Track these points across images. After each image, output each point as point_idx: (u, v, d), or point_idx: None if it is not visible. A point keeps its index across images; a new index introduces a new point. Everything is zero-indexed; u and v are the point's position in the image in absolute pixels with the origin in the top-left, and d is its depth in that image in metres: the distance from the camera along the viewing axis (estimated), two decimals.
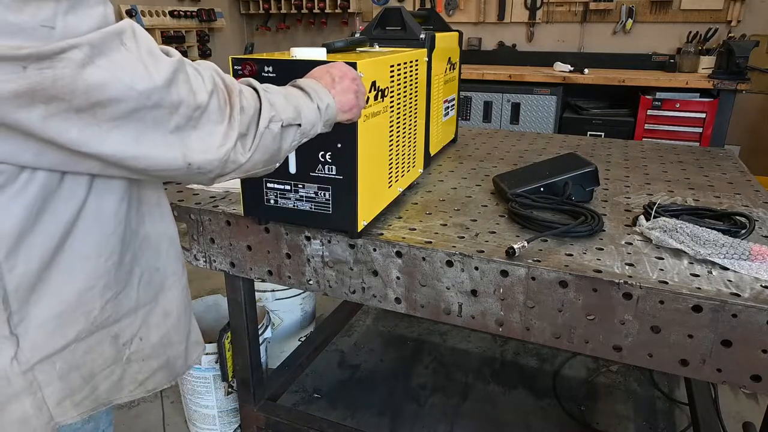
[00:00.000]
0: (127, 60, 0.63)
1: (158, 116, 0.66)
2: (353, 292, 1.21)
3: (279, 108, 0.81)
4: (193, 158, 0.70)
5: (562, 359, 2.46)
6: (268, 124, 0.78)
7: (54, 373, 0.75)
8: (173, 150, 0.69)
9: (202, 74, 0.71)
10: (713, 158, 1.88)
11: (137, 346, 0.86)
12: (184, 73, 0.68)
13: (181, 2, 4.36)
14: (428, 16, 1.78)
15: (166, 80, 0.66)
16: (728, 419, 1.99)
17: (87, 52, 0.60)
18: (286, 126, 0.82)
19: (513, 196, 1.30)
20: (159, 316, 0.89)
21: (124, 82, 0.62)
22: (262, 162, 0.80)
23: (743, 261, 1.02)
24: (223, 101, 0.73)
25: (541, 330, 1.05)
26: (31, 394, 0.73)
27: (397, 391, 2.26)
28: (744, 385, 0.95)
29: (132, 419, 2.11)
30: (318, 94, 0.88)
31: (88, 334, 0.78)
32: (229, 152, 0.73)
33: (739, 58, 3.30)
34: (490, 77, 3.87)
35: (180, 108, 0.67)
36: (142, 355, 0.87)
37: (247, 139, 0.76)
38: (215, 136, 0.72)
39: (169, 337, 0.92)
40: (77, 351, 0.77)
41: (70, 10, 0.61)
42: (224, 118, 0.72)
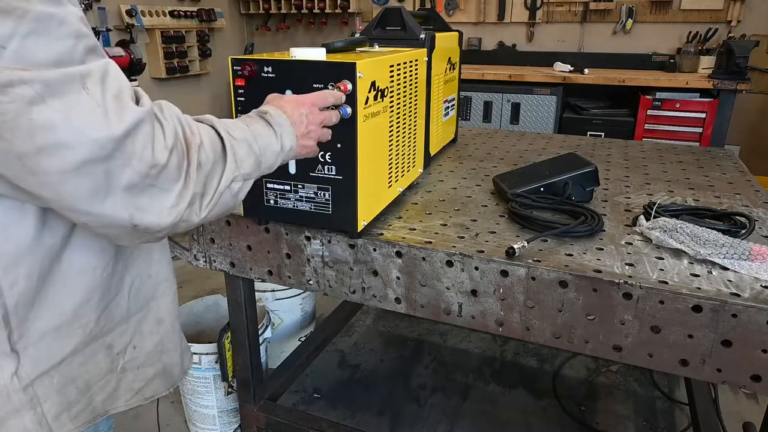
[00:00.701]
0: (84, 104, 0.57)
1: (111, 170, 0.60)
2: (353, 292, 1.21)
3: (243, 162, 0.75)
4: (141, 219, 0.64)
5: (562, 359, 2.46)
6: (230, 183, 0.73)
7: (52, 387, 0.75)
8: (121, 210, 0.62)
9: (164, 127, 0.64)
10: (713, 158, 1.87)
11: (131, 354, 0.85)
12: (148, 126, 0.62)
13: (181, 2, 4.36)
14: (428, 16, 1.78)
15: (125, 131, 0.59)
16: (728, 419, 1.98)
17: (39, 90, 0.55)
18: (246, 180, 0.77)
19: (513, 196, 1.30)
20: (152, 324, 0.88)
21: (76, 127, 0.56)
22: (216, 217, 0.75)
23: (743, 261, 1.02)
24: (182, 157, 0.66)
25: (541, 330, 1.05)
26: (31, 409, 0.73)
27: (397, 391, 2.26)
28: (744, 385, 0.94)
29: (132, 419, 2.11)
30: (283, 136, 0.83)
31: (84, 346, 0.78)
32: (181, 213, 0.67)
33: (739, 58, 3.30)
34: (490, 77, 3.87)
35: (134, 162, 0.61)
36: (137, 363, 0.86)
37: (205, 198, 0.70)
38: (169, 195, 0.65)
39: (164, 344, 0.91)
40: (73, 363, 0.77)
41: (32, 35, 0.55)
42: (180, 176, 0.66)
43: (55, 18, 0.57)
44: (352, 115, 0.99)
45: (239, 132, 0.76)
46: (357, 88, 0.97)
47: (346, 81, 0.96)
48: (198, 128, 0.70)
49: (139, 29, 3.89)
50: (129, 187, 0.62)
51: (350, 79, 0.97)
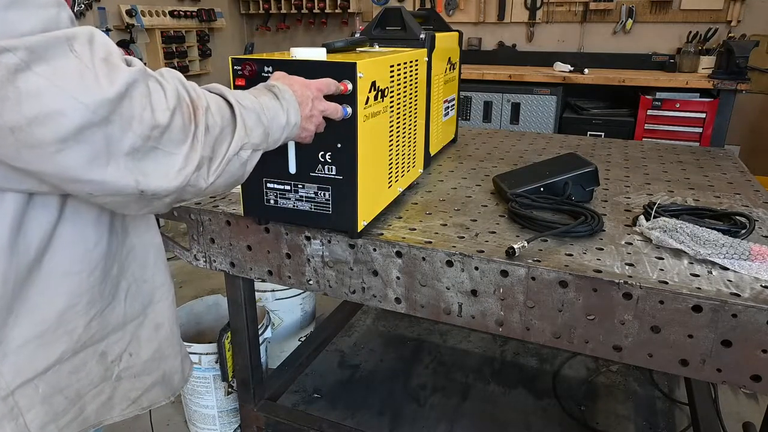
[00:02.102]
0: (73, 67, 0.55)
1: (110, 134, 0.57)
2: (353, 292, 1.21)
3: (252, 131, 0.74)
4: (148, 185, 0.62)
5: (562, 359, 2.46)
6: (238, 150, 0.72)
7: (36, 396, 0.71)
8: (125, 175, 0.60)
9: (164, 88, 0.62)
10: (713, 158, 1.87)
11: (127, 362, 0.82)
12: (143, 86, 0.60)
13: (181, 2, 4.36)
14: (428, 16, 1.78)
15: (118, 93, 0.57)
16: (728, 419, 1.98)
17: (23, 56, 0.52)
18: (255, 151, 0.76)
19: (513, 196, 1.30)
20: (150, 330, 0.85)
21: (66, 91, 0.54)
22: (224, 186, 0.73)
23: (743, 261, 1.02)
24: (188, 119, 0.64)
25: (541, 330, 1.05)
26: (12, 420, 0.69)
27: (397, 391, 2.26)
28: (744, 385, 0.94)
29: (132, 420, 2.11)
30: (289, 111, 0.83)
31: (73, 354, 0.74)
32: (188, 177, 0.65)
33: (739, 58, 3.30)
34: (490, 77, 3.87)
35: (134, 125, 0.58)
36: (134, 371, 0.84)
37: (213, 162, 0.68)
38: (176, 158, 0.63)
39: (162, 351, 0.88)
40: (62, 372, 0.73)
41: (12, 5, 0.53)
42: (187, 138, 0.64)
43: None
44: (352, 115, 0.99)
45: (248, 101, 0.76)
46: (357, 88, 0.97)
47: (346, 81, 0.96)
48: (204, 93, 0.69)
49: (139, 29, 3.88)
50: (132, 151, 0.59)
51: (350, 79, 0.97)
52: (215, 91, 0.74)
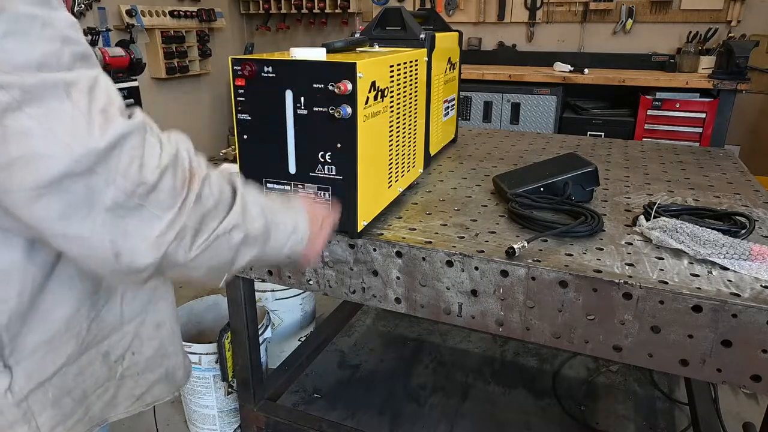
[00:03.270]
0: (67, 114, 0.53)
1: (92, 186, 0.55)
2: (353, 292, 1.21)
3: (252, 221, 0.70)
4: (123, 248, 0.58)
5: (562, 359, 2.46)
6: (230, 229, 0.67)
7: (47, 400, 0.73)
8: (101, 232, 0.57)
9: (162, 146, 0.60)
10: (713, 158, 1.87)
11: (130, 361, 0.83)
12: (136, 140, 0.57)
13: (181, 2, 4.36)
14: (428, 16, 1.78)
15: (108, 144, 0.55)
16: (728, 419, 1.98)
17: (16, 95, 0.51)
18: (249, 242, 0.71)
19: (513, 196, 1.30)
20: (151, 329, 0.86)
21: (55, 136, 0.52)
22: (207, 268, 0.67)
23: (743, 261, 1.02)
24: (180, 183, 0.60)
25: (541, 330, 1.05)
26: (26, 424, 0.71)
27: (397, 391, 2.26)
28: (744, 385, 0.94)
29: (132, 419, 2.11)
30: (298, 219, 0.81)
31: (78, 356, 0.76)
32: (168, 245, 0.60)
33: (739, 58, 3.29)
34: (490, 77, 3.87)
35: (118, 179, 0.56)
36: (137, 369, 0.85)
37: (199, 236, 0.63)
38: (158, 222, 0.59)
39: (165, 349, 0.89)
40: (68, 374, 0.75)
41: (10, 35, 0.51)
42: (175, 204, 0.60)
43: (38, 19, 0.53)
44: (352, 115, 0.99)
45: (253, 195, 0.73)
46: (357, 88, 0.97)
47: (346, 81, 0.96)
48: (209, 167, 0.66)
49: (139, 29, 3.88)
50: (113, 206, 0.56)
51: (350, 79, 0.97)
52: (225, 172, 0.71)
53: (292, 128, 1.04)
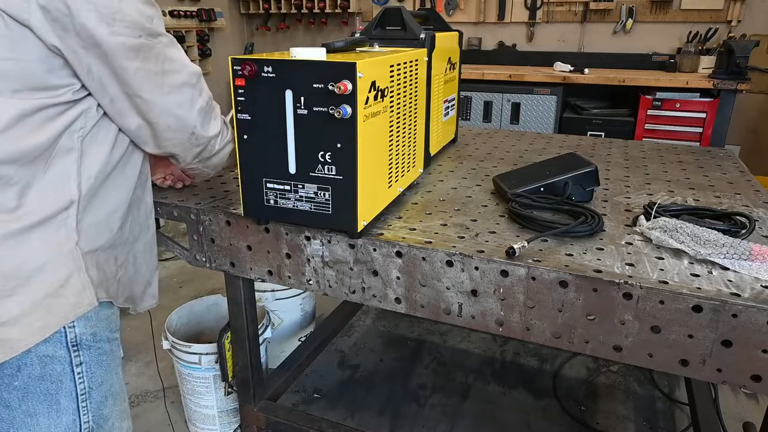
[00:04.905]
0: (182, 53, 1.03)
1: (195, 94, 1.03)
2: (353, 292, 1.21)
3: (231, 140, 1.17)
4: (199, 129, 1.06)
5: (562, 359, 2.46)
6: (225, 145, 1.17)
7: (93, 263, 1.00)
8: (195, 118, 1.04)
9: None
10: (713, 158, 1.87)
11: (123, 272, 1.09)
12: (202, 76, 1.07)
13: (181, 2, 4.36)
14: (428, 16, 1.78)
15: (199, 72, 1.05)
16: (728, 419, 1.99)
17: (169, 41, 0.99)
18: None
19: (513, 196, 1.30)
20: (132, 257, 1.12)
21: (183, 62, 1.01)
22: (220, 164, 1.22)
23: (743, 261, 1.02)
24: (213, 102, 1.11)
25: (541, 330, 1.05)
26: (85, 272, 0.98)
27: (397, 391, 2.26)
28: (744, 385, 0.94)
29: (132, 419, 2.11)
30: None
31: (107, 247, 1.03)
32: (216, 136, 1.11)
33: (739, 58, 3.30)
34: (490, 77, 3.87)
35: (203, 94, 1.05)
36: (124, 281, 1.10)
37: (219, 138, 1.13)
38: (214, 123, 1.10)
39: (136, 277, 1.15)
40: (101, 257, 1.02)
41: (159, 18, 0.98)
42: (214, 113, 1.11)
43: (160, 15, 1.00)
44: (352, 115, 0.99)
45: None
46: (357, 88, 0.97)
47: (346, 81, 0.96)
48: None
49: None
50: (201, 109, 1.05)
51: (350, 79, 0.97)
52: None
53: (292, 128, 1.04)
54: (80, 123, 0.95)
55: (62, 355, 0.98)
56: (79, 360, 1.01)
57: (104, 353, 1.07)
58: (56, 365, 0.98)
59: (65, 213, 0.95)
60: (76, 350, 1.00)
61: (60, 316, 0.95)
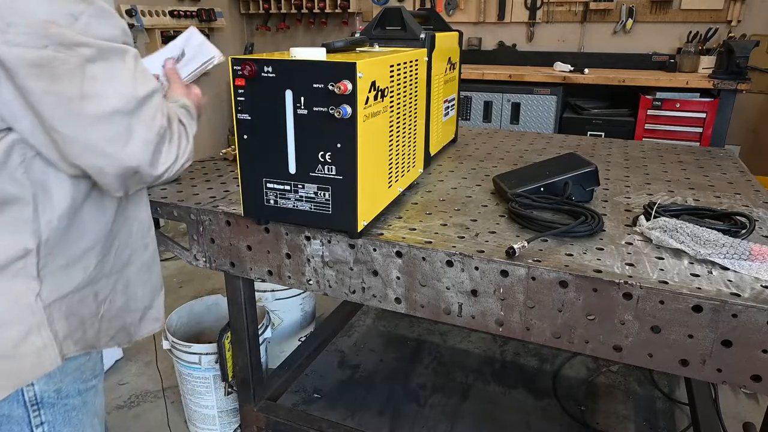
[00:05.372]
0: (122, 70, 0.80)
1: (133, 123, 0.81)
2: (353, 292, 1.21)
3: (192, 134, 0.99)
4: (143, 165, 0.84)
5: (562, 359, 2.46)
6: (185, 163, 0.94)
7: (62, 313, 0.89)
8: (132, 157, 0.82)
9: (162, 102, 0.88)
10: (713, 158, 1.87)
11: (108, 306, 1.00)
12: (160, 96, 0.86)
13: (181, 2, 4.36)
14: (428, 16, 1.78)
15: (146, 94, 0.82)
16: (728, 419, 1.99)
17: (94, 52, 0.77)
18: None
19: (513, 196, 1.30)
20: (123, 285, 1.03)
21: (113, 83, 0.78)
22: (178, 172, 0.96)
23: (743, 261, 1.02)
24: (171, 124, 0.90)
25: (541, 330, 1.05)
26: (48, 326, 0.87)
27: (397, 391, 2.26)
28: (744, 385, 0.94)
29: (132, 419, 2.11)
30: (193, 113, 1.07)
31: (82, 288, 0.93)
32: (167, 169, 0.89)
33: (739, 58, 3.29)
34: (490, 77, 3.87)
35: (149, 121, 0.83)
36: (111, 315, 1.01)
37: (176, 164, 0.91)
38: (167, 153, 0.88)
39: (128, 305, 1.05)
40: (74, 300, 0.91)
41: (95, 17, 0.78)
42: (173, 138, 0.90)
43: (110, 13, 0.81)
44: (352, 115, 0.99)
45: (187, 119, 0.99)
46: (357, 88, 0.97)
47: (346, 81, 0.96)
48: (172, 109, 0.94)
49: (138, 29, 3.88)
50: (146, 142, 0.83)
51: (350, 79, 0.97)
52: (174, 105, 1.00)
53: (292, 128, 1.04)
54: (17, 158, 0.79)
55: (20, 415, 0.88)
56: (39, 420, 0.91)
57: (73, 408, 0.96)
58: (13, 425, 0.88)
59: (21, 262, 0.83)
60: (36, 409, 0.90)
61: (15, 380, 0.85)
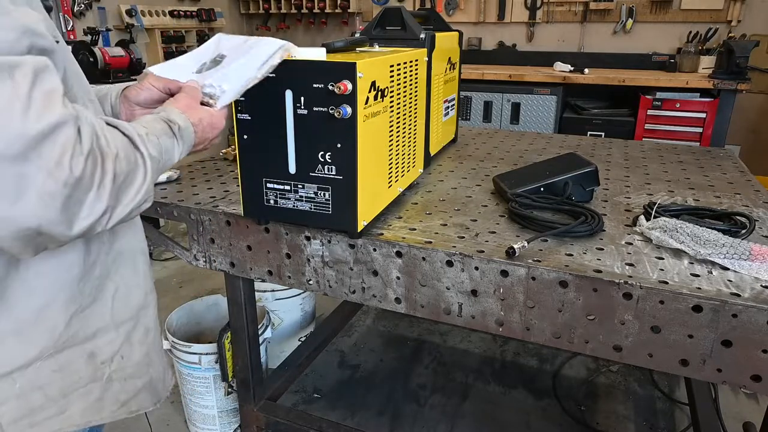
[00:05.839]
0: (5, 95, 0.53)
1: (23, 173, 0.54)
2: (353, 292, 1.21)
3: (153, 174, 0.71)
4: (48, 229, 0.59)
5: (562, 359, 2.46)
6: (142, 203, 0.69)
7: (12, 391, 0.72)
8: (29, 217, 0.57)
9: (81, 133, 0.59)
10: (713, 158, 1.87)
11: (119, 364, 0.82)
12: (71, 130, 0.57)
13: (181, 2, 4.36)
14: (428, 16, 1.78)
15: (40, 131, 0.54)
16: (728, 419, 1.98)
17: None
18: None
19: (513, 196, 1.30)
20: (141, 333, 0.86)
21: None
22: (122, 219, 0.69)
23: (743, 261, 1.02)
24: (95, 164, 0.60)
25: (541, 330, 1.05)
26: None
27: (397, 391, 2.26)
28: (744, 385, 0.94)
29: (132, 419, 2.11)
30: (183, 151, 0.81)
31: (56, 351, 0.75)
32: (91, 225, 0.62)
33: (739, 58, 3.29)
34: (490, 77, 3.87)
35: (51, 168, 0.56)
36: (124, 374, 0.84)
37: (116, 210, 0.65)
38: (82, 206, 0.60)
39: (151, 356, 0.89)
40: (43, 369, 0.74)
41: None
42: (93, 185, 0.60)
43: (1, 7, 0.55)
44: (352, 115, 0.99)
45: (153, 148, 0.72)
46: (357, 88, 0.97)
47: (346, 81, 0.96)
48: (112, 137, 0.65)
49: (138, 29, 3.88)
50: (44, 194, 0.56)
51: (350, 79, 0.97)
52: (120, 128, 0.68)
53: (292, 128, 1.04)
54: None
55: None
56: None
57: None
58: None
59: None
60: None
61: None
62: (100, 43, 3.51)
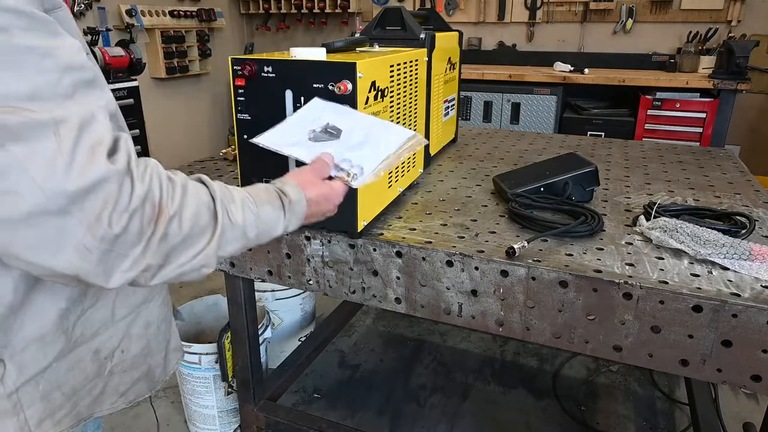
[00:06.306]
0: (48, 152, 0.54)
1: (64, 226, 0.56)
2: (353, 292, 1.21)
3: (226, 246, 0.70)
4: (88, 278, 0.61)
5: (562, 359, 2.46)
6: (200, 267, 0.67)
7: (37, 393, 0.74)
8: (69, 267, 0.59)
9: (134, 186, 0.59)
10: (713, 158, 1.87)
11: (119, 358, 0.85)
12: (114, 185, 0.57)
13: (181, 2, 4.36)
14: (428, 16, 1.78)
15: (81, 187, 0.55)
16: (728, 419, 1.98)
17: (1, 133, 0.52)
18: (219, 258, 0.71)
19: (513, 196, 1.30)
20: (140, 327, 0.88)
21: (29, 174, 0.53)
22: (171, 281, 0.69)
23: (743, 261, 1.02)
24: (147, 222, 0.61)
25: (541, 330, 1.05)
26: (15, 416, 0.72)
27: (397, 391, 2.26)
28: (744, 385, 0.94)
29: (132, 419, 2.11)
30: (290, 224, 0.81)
31: (68, 352, 0.77)
32: (131, 279, 0.63)
33: (739, 58, 3.29)
34: (490, 77, 3.87)
35: (91, 223, 0.56)
36: (124, 366, 0.86)
37: (164, 269, 0.64)
38: (124, 261, 0.61)
39: (150, 347, 0.91)
40: (59, 369, 0.77)
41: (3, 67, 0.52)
42: (141, 242, 0.61)
43: (36, 51, 0.55)
44: None
45: (239, 215, 0.72)
46: (357, 88, 0.97)
47: (346, 81, 0.96)
48: (183, 196, 0.65)
49: (139, 29, 3.88)
50: (81, 248, 0.57)
51: (350, 79, 0.97)
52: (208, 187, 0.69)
53: None
54: None
55: None
56: None
57: None
58: None
59: None
60: None
61: None
62: (100, 43, 3.51)
